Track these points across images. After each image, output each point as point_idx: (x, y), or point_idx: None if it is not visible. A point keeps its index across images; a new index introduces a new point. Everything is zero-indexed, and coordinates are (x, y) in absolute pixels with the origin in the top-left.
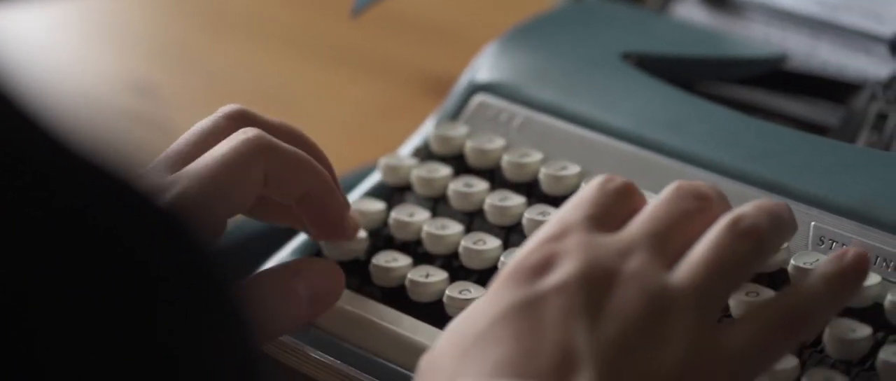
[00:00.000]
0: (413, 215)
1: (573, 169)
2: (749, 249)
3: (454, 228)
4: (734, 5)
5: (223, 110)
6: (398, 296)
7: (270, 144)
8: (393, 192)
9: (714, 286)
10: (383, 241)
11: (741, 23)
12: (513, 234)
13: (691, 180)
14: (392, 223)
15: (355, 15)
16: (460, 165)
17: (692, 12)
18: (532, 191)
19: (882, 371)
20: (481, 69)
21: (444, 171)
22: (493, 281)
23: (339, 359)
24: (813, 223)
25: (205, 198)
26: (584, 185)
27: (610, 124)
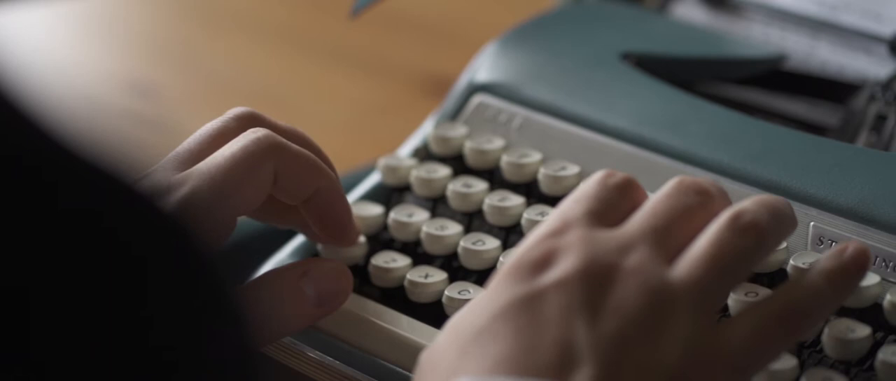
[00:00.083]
0: (412, 216)
1: (572, 169)
2: (750, 244)
3: (453, 228)
4: (733, 5)
5: (232, 112)
6: (397, 296)
7: (280, 144)
8: (392, 192)
9: (714, 282)
10: (382, 241)
11: (740, 23)
12: (512, 234)
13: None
14: (391, 224)
15: (354, 15)
16: (459, 165)
17: (691, 12)
18: (531, 191)
19: (881, 371)
20: (481, 69)
21: (444, 171)
22: (494, 277)
23: (339, 359)
24: (812, 223)
25: (214, 197)
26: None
27: (609, 125)
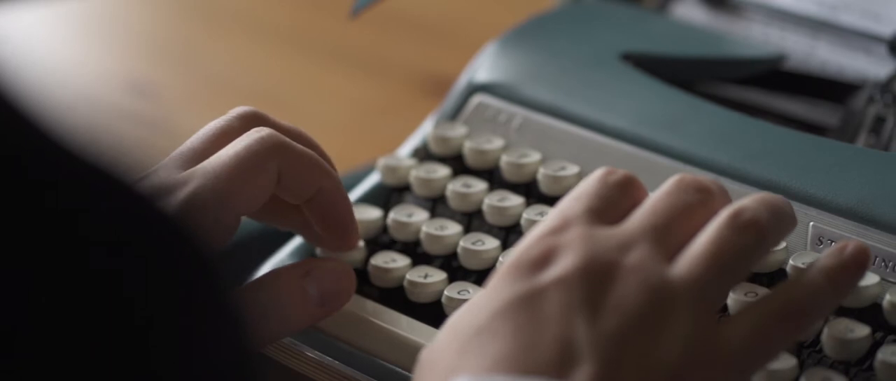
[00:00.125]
0: (412, 216)
1: (572, 169)
2: (750, 242)
3: (453, 228)
4: (733, 5)
5: (235, 111)
6: (397, 297)
7: (284, 143)
8: (391, 192)
9: (714, 279)
10: (382, 242)
11: (740, 23)
12: (511, 234)
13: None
14: (391, 224)
15: (354, 15)
16: (459, 165)
17: (691, 12)
18: (531, 191)
19: (880, 371)
20: (480, 69)
21: (443, 171)
22: (494, 274)
23: (338, 360)
24: (811, 223)
25: (218, 195)
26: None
27: (609, 125)
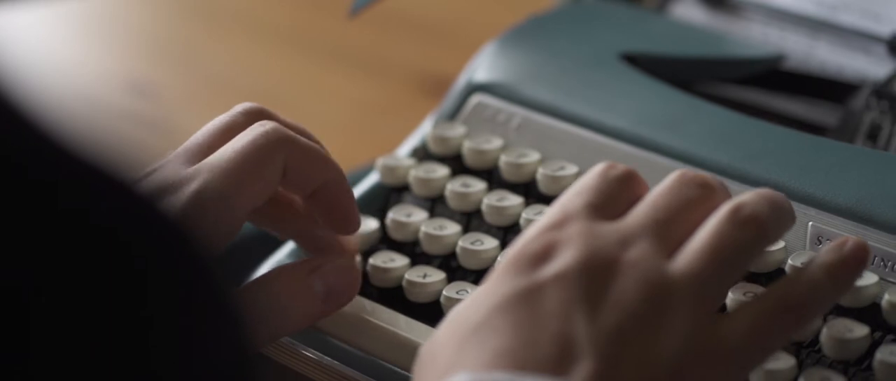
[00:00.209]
0: (411, 216)
1: (571, 169)
2: (749, 237)
3: (452, 228)
4: (732, 5)
5: (240, 107)
6: (396, 296)
7: (289, 136)
8: (390, 192)
9: (714, 274)
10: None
11: (739, 23)
12: (510, 234)
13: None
14: (389, 224)
15: (353, 15)
16: (458, 165)
17: (690, 12)
18: (530, 191)
19: (879, 371)
20: (479, 69)
21: (442, 171)
22: (494, 269)
23: (337, 359)
24: (810, 223)
25: (225, 189)
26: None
27: (608, 124)
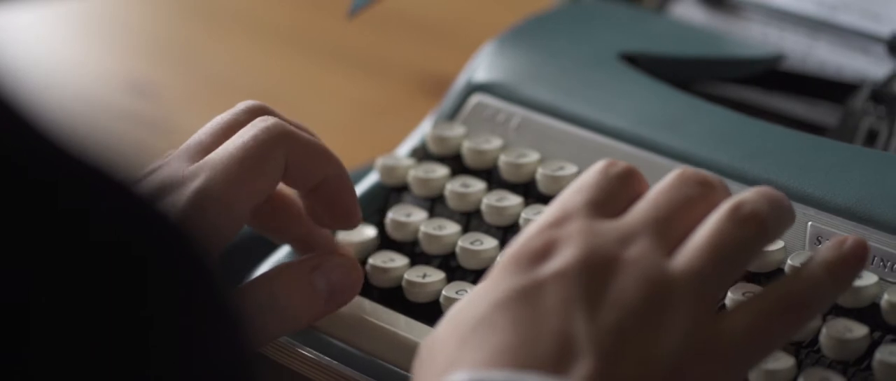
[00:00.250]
0: (410, 216)
1: (570, 169)
2: (750, 234)
3: (451, 228)
4: (732, 5)
5: (242, 105)
6: (395, 296)
7: (290, 132)
8: (390, 192)
9: (714, 272)
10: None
11: (739, 23)
12: (510, 234)
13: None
14: (389, 224)
15: (352, 15)
16: (457, 165)
17: (690, 12)
18: (529, 191)
19: (878, 371)
20: (479, 69)
21: (442, 171)
22: (494, 267)
23: (336, 359)
24: (810, 223)
25: (229, 186)
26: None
27: (607, 124)
